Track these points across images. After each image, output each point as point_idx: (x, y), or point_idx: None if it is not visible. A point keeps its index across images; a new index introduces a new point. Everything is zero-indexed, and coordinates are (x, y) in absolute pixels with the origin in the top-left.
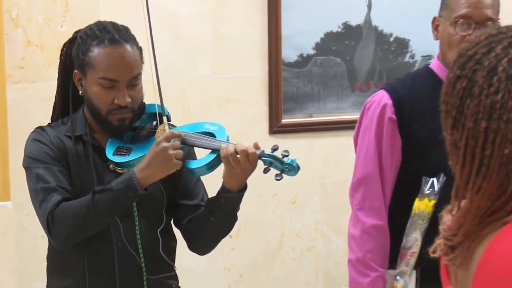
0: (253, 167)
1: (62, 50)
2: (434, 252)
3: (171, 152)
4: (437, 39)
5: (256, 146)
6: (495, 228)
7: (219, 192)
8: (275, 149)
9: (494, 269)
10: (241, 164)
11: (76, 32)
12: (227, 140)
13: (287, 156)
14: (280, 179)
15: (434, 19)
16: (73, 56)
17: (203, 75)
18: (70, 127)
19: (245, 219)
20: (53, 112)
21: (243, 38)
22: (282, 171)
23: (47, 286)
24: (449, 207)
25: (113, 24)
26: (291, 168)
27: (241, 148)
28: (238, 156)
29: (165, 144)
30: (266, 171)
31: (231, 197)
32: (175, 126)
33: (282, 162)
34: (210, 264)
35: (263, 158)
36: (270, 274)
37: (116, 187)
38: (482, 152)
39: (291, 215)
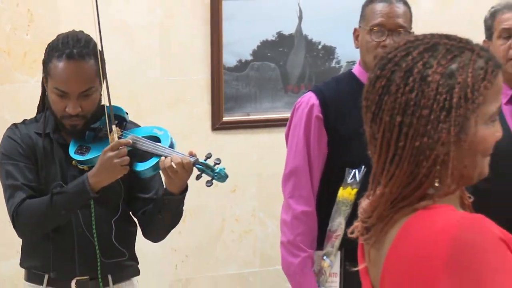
0: (188, 174)
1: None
2: (352, 233)
3: (116, 161)
4: (357, 47)
5: (191, 154)
6: (407, 214)
7: (163, 194)
8: (208, 157)
9: (405, 251)
10: (178, 174)
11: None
12: (171, 143)
13: (218, 164)
14: (210, 185)
15: (355, 30)
16: (42, 62)
17: (153, 79)
18: (41, 124)
19: (191, 205)
20: (37, 109)
21: (189, 45)
22: (213, 178)
23: (20, 264)
24: (367, 193)
25: (77, 39)
26: (220, 176)
27: (177, 161)
28: (175, 167)
29: (111, 154)
30: (198, 177)
31: (173, 199)
32: (135, 125)
33: (212, 170)
34: (159, 245)
35: (196, 165)
36: (213, 254)
37: (71, 190)
38: (396, 143)
39: (231, 202)
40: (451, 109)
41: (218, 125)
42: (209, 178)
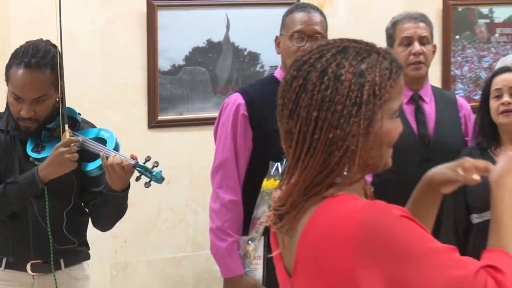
0: (128, 175)
1: None
2: (266, 222)
3: (67, 156)
4: (279, 53)
5: (132, 157)
6: (316, 202)
7: (108, 190)
8: (147, 160)
9: (315, 238)
10: (118, 173)
11: None
12: (116, 145)
13: (156, 166)
14: (148, 187)
15: (276, 37)
16: (5, 66)
17: (94, 81)
18: (4, 122)
19: (130, 196)
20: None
21: (127, 51)
22: (150, 180)
23: None
24: (280, 184)
25: (37, 49)
26: (157, 179)
27: (117, 162)
28: (116, 168)
29: (62, 149)
30: (138, 179)
31: (116, 195)
32: (89, 124)
33: (151, 173)
34: (100, 232)
35: (136, 168)
36: (149, 240)
37: (22, 181)
38: (312, 136)
39: (166, 193)
40: (362, 105)
41: (153, 123)
42: (148, 180)
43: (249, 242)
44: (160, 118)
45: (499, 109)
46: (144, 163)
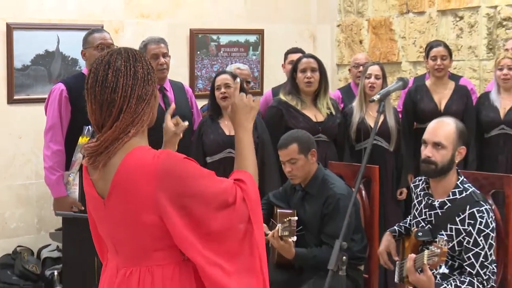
0: None
1: None
2: (80, 163)
3: None
4: (85, 60)
5: None
6: (126, 149)
7: None
8: None
9: (126, 171)
10: None
11: None
12: None
13: None
14: None
15: (82, 51)
16: None
17: None
18: None
19: None
20: None
21: None
22: None
23: None
24: (89, 140)
25: None
26: None
27: None
28: None
29: None
30: None
31: None
32: None
33: None
34: None
35: None
36: (8, 172)
37: None
38: (127, 108)
39: (19, 142)
40: (135, 87)
41: (11, 101)
42: None
43: (70, 175)
44: (15, 97)
45: (219, 96)
46: None
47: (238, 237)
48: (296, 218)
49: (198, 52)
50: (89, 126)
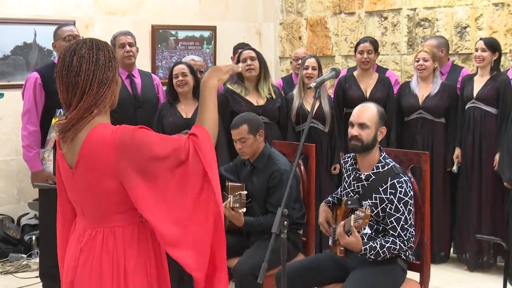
0: None
1: None
2: (54, 140)
3: None
4: (56, 51)
5: None
6: (91, 125)
7: None
8: None
9: (91, 144)
10: None
11: None
12: None
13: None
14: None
15: (53, 43)
16: None
17: None
18: None
19: None
20: None
21: None
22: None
23: None
24: (60, 118)
25: None
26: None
27: None
28: None
29: None
30: None
31: None
32: None
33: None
34: None
35: None
36: None
37: None
38: (89, 90)
39: (3, 127)
40: (97, 72)
41: None
42: None
43: (45, 152)
44: None
45: (176, 84)
46: None
47: (194, 193)
48: (245, 192)
49: (159, 45)
50: (61, 109)
